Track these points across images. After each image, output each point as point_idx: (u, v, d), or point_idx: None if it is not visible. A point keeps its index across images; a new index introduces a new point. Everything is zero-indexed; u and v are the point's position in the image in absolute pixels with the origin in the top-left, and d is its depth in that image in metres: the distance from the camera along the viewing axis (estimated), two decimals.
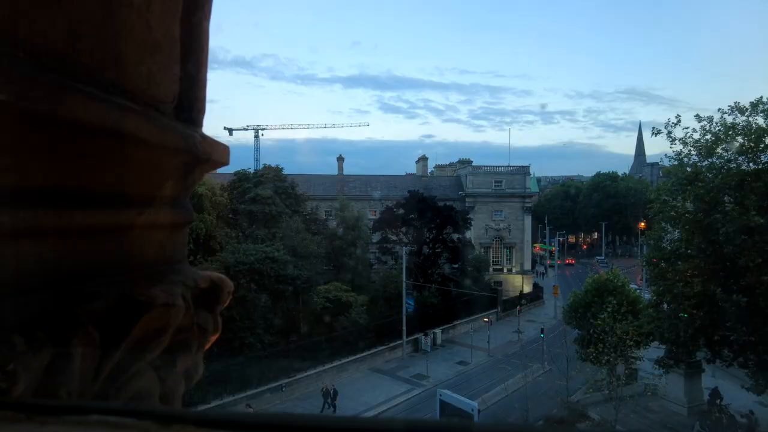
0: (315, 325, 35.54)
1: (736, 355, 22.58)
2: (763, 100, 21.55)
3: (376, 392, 32.25)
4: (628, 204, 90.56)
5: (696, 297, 22.05)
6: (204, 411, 0.70)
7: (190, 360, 1.34)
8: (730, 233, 20.11)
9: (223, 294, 1.46)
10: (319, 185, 60.86)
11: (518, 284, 61.58)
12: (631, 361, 29.46)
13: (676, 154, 23.30)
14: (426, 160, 78.24)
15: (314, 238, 40.51)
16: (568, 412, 26.46)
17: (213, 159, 1.37)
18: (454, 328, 45.43)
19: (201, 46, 1.30)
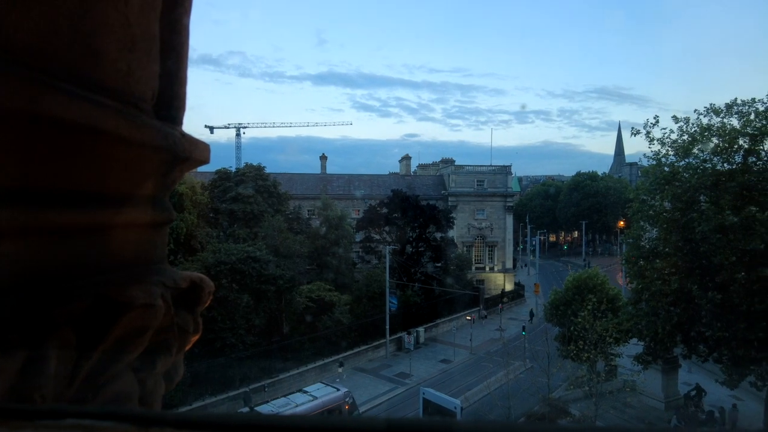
0: (298, 325, 35.36)
1: (711, 351, 23.09)
2: (737, 102, 22.07)
3: (359, 391, 32.21)
4: (607, 203, 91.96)
5: (673, 294, 22.49)
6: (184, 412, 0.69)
7: (170, 361, 1.32)
8: (705, 232, 20.56)
9: (203, 294, 1.44)
10: (301, 184, 60.57)
11: (500, 282, 62.12)
12: (611, 357, 29.98)
13: (655, 154, 23.72)
14: (409, 160, 78.43)
15: (297, 238, 40.29)
16: (550, 409, 26.81)
17: (193, 157, 1.35)
18: (437, 327, 45.65)
19: (181, 43, 1.28)
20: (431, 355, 40.03)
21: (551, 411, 26.59)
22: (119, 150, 1.07)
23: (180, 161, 1.32)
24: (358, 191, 61.51)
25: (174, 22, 1.25)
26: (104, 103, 0.99)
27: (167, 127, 1.24)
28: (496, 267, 64.33)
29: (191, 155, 1.34)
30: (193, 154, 1.34)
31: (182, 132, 1.35)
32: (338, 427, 0.63)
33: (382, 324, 38.48)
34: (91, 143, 0.99)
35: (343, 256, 44.06)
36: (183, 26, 1.27)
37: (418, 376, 34.64)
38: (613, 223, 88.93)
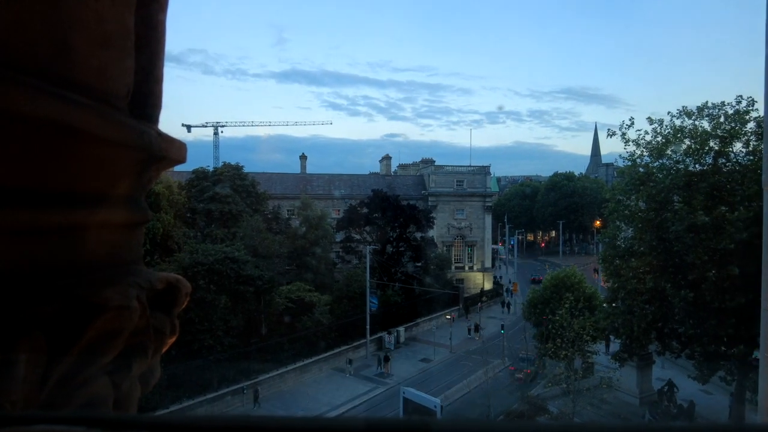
0: (277, 326, 35.07)
1: (683, 347, 23.69)
2: (708, 104, 22.69)
3: (339, 392, 32.16)
4: (584, 203, 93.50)
5: (648, 293, 23.00)
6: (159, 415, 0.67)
7: (146, 364, 1.30)
8: (678, 231, 21.09)
9: (180, 295, 1.42)
10: (280, 184, 60.14)
11: (479, 281, 62.68)
12: (588, 355, 30.51)
13: (630, 155, 24.23)
14: (389, 160, 78.58)
15: (276, 238, 40.00)
16: (528, 407, 27.13)
17: (169, 156, 1.33)
18: (417, 326, 45.81)
19: (157, 39, 1.25)
20: (411, 354, 40.15)
21: (530, 408, 26.92)
22: (92, 148, 1.04)
23: (156, 160, 1.30)
24: (339, 191, 61.36)
25: (149, 18, 1.23)
26: (76, 100, 0.96)
27: (143, 125, 1.22)
28: (475, 266, 64.88)
29: (167, 154, 1.31)
30: (170, 153, 1.32)
31: (158, 130, 1.33)
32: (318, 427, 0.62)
33: (363, 324, 38.44)
34: (63, 141, 0.97)
35: (323, 256, 43.89)
36: (158, 22, 1.25)
37: (399, 376, 34.71)
38: (590, 222, 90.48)
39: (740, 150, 22.36)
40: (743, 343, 20.17)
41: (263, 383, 31.19)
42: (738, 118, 21.88)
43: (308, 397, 31.24)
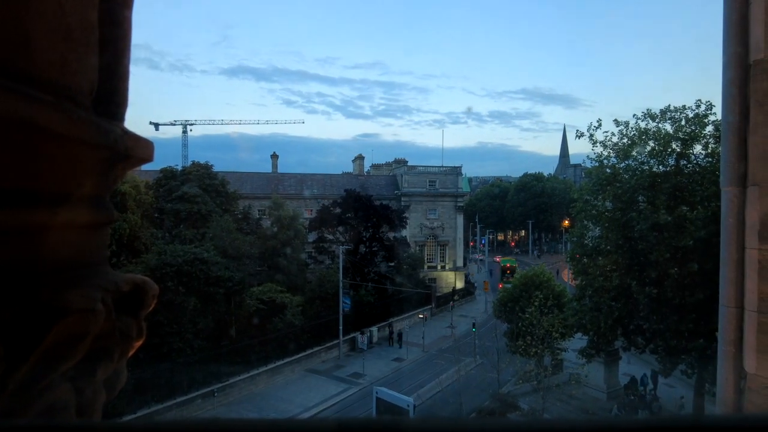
0: (248, 328, 34.61)
1: (648, 343, 24.41)
2: (670, 108, 23.46)
3: (312, 393, 31.96)
4: (553, 203, 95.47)
5: (614, 290, 23.62)
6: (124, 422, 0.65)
7: (111, 368, 1.26)
8: (643, 230, 21.72)
9: (147, 297, 1.39)
10: (251, 183, 59.32)
11: (451, 281, 63.26)
12: (557, 352, 31.13)
13: (597, 156, 24.83)
14: (362, 160, 78.49)
15: (247, 238, 39.43)
16: (500, 404, 27.50)
17: (135, 155, 1.29)
18: (390, 326, 45.90)
19: (122, 35, 1.22)
20: (384, 354, 40.22)
21: (501, 406, 27.30)
22: (53, 146, 1.00)
23: (121, 159, 1.26)
24: (311, 191, 60.95)
25: (114, 14, 1.20)
26: (35, 95, 0.92)
27: (107, 123, 1.18)
28: (447, 266, 65.43)
29: (133, 153, 1.28)
30: (136, 151, 1.29)
31: (124, 128, 1.29)
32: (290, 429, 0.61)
33: (336, 324, 38.30)
34: (22, 139, 0.93)
35: (295, 256, 43.53)
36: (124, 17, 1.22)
37: (372, 376, 34.71)
38: (558, 222, 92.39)
39: (700, 152, 23.21)
40: (703, 337, 20.91)
41: (234, 386, 30.75)
42: (698, 121, 22.70)
43: (281, 399, 30.95)
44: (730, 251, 2.60)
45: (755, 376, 2.46)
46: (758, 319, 2.43)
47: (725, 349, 2.63)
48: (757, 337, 2.43)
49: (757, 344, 2.43)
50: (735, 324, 2.58)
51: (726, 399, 2.62)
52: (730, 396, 2.60)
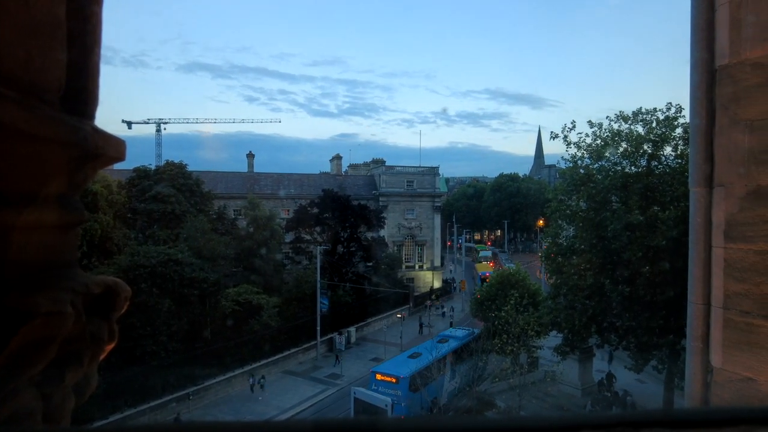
0: (224, 330, 34.15)
1: (620, 340, 24.92)
2: (642, 110, 24.01)
3: (289, 395, 31.72)
4: (528, 203, 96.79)
5: (588, 288, 24.06)
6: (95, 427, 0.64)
7: (81, 372, 1.23)
8: (616, 230, 22.18)
9: (119, 300, 1.35)
10: (227, 183, 58.53)
11: (429, 280, 63.56)
12: (533, 350, 31.54)
13: (571, 157, 25.25)
14: (340, 159, 78.19)
15: (222, 239, 38.89)
16: (476, 402, 27.73)
17: (106, 154, 1.26)
18: (368, 326, 45.86)
19: (91, 30, 1.19)
20: (362, 354, 40.16)
21: (478, 403, 27.54)
22: (19, 145, 0.97)
23: (91, 158, 1.23)
24: (288, 190, 60.48)
25: (82, 8, 1.16)
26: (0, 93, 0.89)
27: (76, 120, 1.15)
28: (425, 265, 65.73)
29: (104, 152, 1.25)
30: (107, 150, 1.25)
31: (94, 126, 1.26)
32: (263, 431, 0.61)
33: (313, 325, 38.08)
34: None
35: (272, 257, 43.13)
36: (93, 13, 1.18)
37: (350, 376, 34.62)
38: (534, 221, 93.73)
39: (670, 154, 23.81)
40: (672, 333, 21.47)
41: (210, 388, 30.31)
42: (668, 123, 23.29)
43: (258, 401, 30.63)
44: (698, 250, 2.68)
45: (721, 370, 2.53)
46: (724, 315, 2.50)
47: (693, 344, 2.70)
48: (723, 333, 2.51)
49: (723, 339, 2.51)
50: (702, 320, 2.66)
51: (693, 393, 2.69)
52: (697, 390, 2.67)
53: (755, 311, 2.34)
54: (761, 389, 2.33)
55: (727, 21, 2.49)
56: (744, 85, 2.41)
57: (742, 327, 2.41)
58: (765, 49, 2.31)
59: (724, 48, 2.51)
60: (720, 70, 2.55)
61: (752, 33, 2.38)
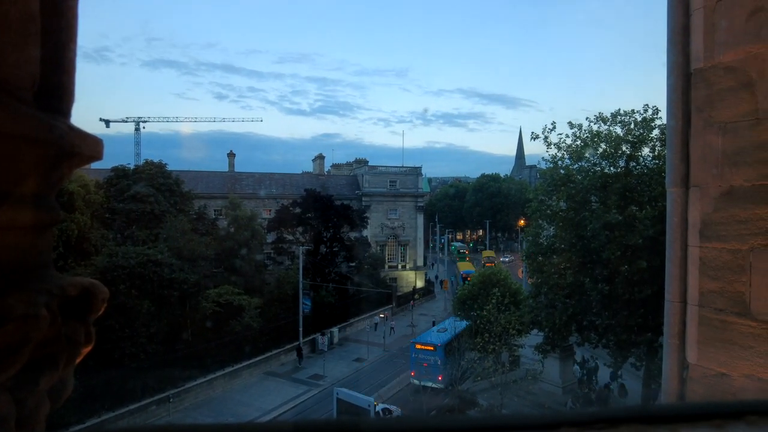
0: (205, 332, 33.74)
1: (600, 338, 25.31)
2: (620, 112, 24.43)
3: (271, 396, 31.51)
4: (509, 203, 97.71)
5: (568, 287, 24.38)
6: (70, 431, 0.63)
7: (56, 376, 1.20)
8: (595, 229, 22.51)
9: (96, 301, 1.33)
10: (207, 182, 57.83)
11: (412, 280, 63.75)
12: (514, 348, 31.82)
13: (552, 157, 25.56)
14: (323, 159, 77.87)
15: (202, 239, 38.42)
16: (459, 401, 27.90)
17: (83, 153, 1.24)
18: (351, 326, 45.81)
19: (66, 25, 1.16)
20: (345, 354, 40.09)
21: (460, 402, 27.69)
22: None
23: (67, 156, 1.20)
24: (270, 190, 60.05)
25: (57, 2, 1.14)
26: None
27: (51, 118, 1.12)
28: (408, 265, 65.88)
29: (81, 150, 1.22)
30: (83, 149, 1.23)
31: (70, 124, 1.23)
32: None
33: (295, 326, 37.87)
34: None
35: (253, 257, 42.74)
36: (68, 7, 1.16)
37: (332, 377, 34.53)
38: (515, 221, 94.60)
39: (648, 154, 24.27)
40: (650, 331, 21.87)
41: (190, 391, 29.93)
42: (645, 125, 23.73)
43: (239, 403, 30.34)
44: (675, 249, 2.73)
45: (696, 366, 2.59)
46: (699, 312, 2.56)
47: (670, 341, 2.76)
48: (698, 330, 2.57)
49: (698, 336, 2.56)
50: (679, 317, 2.71)
51: (670, 389, 2.75)
52: (674, 386, 2.73)
53: (728, 308, 2.40)
54: (734, 384, 2.38)
55: (702, 26, 2.55)
56: (717, 88, 2.47)
57: (716, 324, 2.47)
58: (737, 53, 2.37)
59: (699, 52, 2.57)
60: (695, 73, 2.61)
61: (725, 38, 2.44)
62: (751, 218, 2.30)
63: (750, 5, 2.31)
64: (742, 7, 2.35)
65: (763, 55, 2.26)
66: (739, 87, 2.37)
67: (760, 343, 2.26)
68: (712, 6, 2.50)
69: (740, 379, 2.37)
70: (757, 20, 2.28)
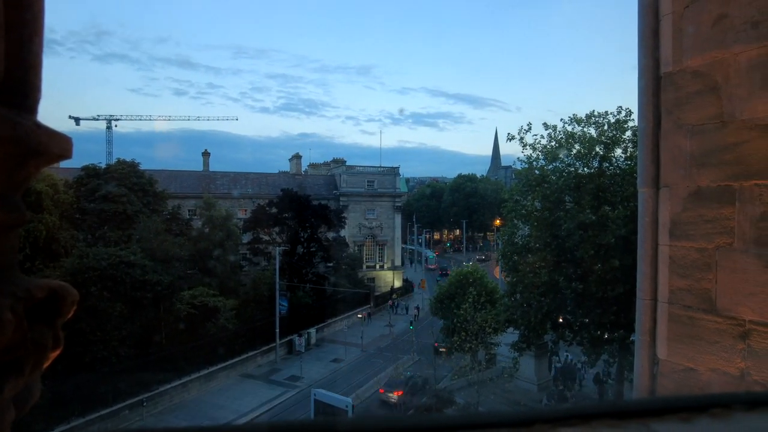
0: (179, 334, 33.15)
1: (574, 335, 25.78)
2: (594, 113, 24.92)
3: (248, 398, 31.18)
4: (485, 203, 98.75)
5: (543, 286, 24.73)
6: None
7: (21, 383, 1.16)
8: (569, 229, 22.91)
9: (65, 304, 1.29)
10: (181, 182, 56.80)
11: (389, 280, 63.82)
12: (491, 346, 32.16)
13: (527, 158, 25.91)
14: (300, 159, 77.32)
15: (176, 240, 37.77)
16: (436, 400, 28.04)
17: (51, 151, 1.20)
18: (329, 327, 45.63)
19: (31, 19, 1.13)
20: (323, 355, 39.91)
21: (438, 401, 27.84)
22: None
23: (34, 155, 1.16)
24: (245, 190, 59.37)
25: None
26: None
27: (15, 115, 1.09)
28: (386, 265, 65.95)
29: (48, 149, 1.18)
30: (51, 147, 1.19)
31: (37, 122, 1.19)
32: None
33: (272, 327, 37.54)
34: None
35: (229, 258, 42.19)
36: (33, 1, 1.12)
37: (310, 378, 34.35)
38: (491, 221, 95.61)
39: (620, 155, 24.81)
40: (623, 328, 22.36)
41: (165, 394, 29.39)
42: (618, 126, 24.26)
43: (215, 406, 29.94)
44: (646, 248, 2.80)
45: (666, 362, 2.66)
46: (669, 309, 2.63)
47: (641, 338, 2.82)
48: (668, 326, 2.63)
49: (668, 332, 2.63)
50: (650, 315, 2.78)
51: (642, 384, 2.81)
52: (645, 381, 2.80)
53: (696, 305, 2.47)
54: (701, 378, 2.46)
55: (670, 31, 2.62)
56: (685, 91, 2.54)
57: (685, 320, 2.54)
58: (704, 58, 2.44)
59: (668, 56, 2.64)
60: (664, 77, 2.67)
61: (692, 43, 2.51)
62: (717, 218, 2.37)
63: (715, 12, 2.39)
64: (708, 13, 2.42)
65: (727, 61, 2.33)
66: (705, 91, 2.44)
67: (725, 338, 2.34)
68: (679, 12, 2.57)
69: (707, 373, 2.44)
70: (722, 27, 2.36)
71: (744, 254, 2.26)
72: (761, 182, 2.20)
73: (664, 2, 2.66)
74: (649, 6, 2.75)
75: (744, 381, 2.26)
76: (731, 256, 2.32)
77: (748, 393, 0.83)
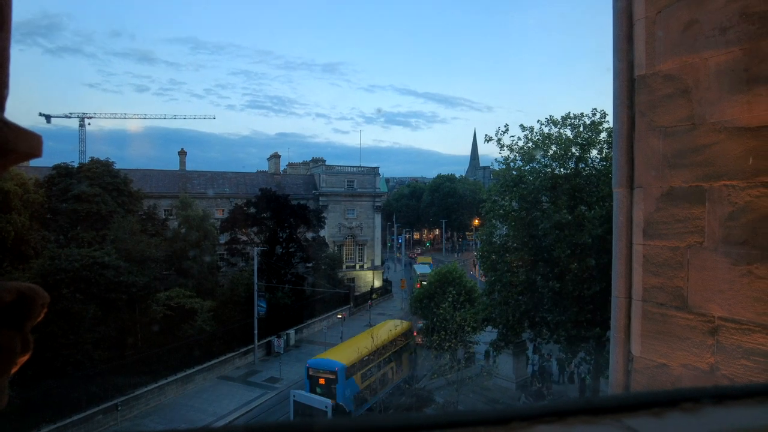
0: (155, 336, 32.57)
1: (552, 333, 26.13)
2: (570, 115, 25.32)
3: (226, 401, 30.80)
4: (464, 203, 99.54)
5: (521, 285, 25.05)
6: None
7: None
8: (546, 228, 23.23)
9: (35, 307, 1.26)
10: (157, 181, 55.81)
11: (369, 280, 63.80)
12: (470, 345, 32.41)
13: (505, 158, 26.19)
14: (278, 158, 76.67)
15: (152, 240, 37.11)
16: (416, 399, 28.13)
17: (19, 149, 1.17)
18: (309, 327, 45.38)
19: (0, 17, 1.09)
20: (302, 356, 39.58)
21: (417, 401, 27.93)
22: None
23: (1, 153, 1.13)
24: (222, 189, 58.65)
25: None
26: None
27: None
28: (365, 265, 65.90)
29: (16, 147, 1.15)
30: (19, 145, 1.16)
31: (4, 119, 1.16)
32: None
33: (250, 329, 37.16)
34: None
35: (205, 259, 41.63)
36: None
37: (289, 379, 34.09)
38: (469, 221, 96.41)
39: (596, 156, 25.25)
40: (599, 326, 22.76)
41: (140, 398, 28.82)
42: (594, 128, 24.70)
43: (192, 409, 29.50)
44: (621, 247, 2.86)
45: (640, 358, 2.72)
46: (643, 307, 2.69)
47: (616, 335, 2.88)
48: (642, 323, 2.69)
49: (642, 330, 2.69)
50: (624, 312, 2.84)
51: (617, 381, 2.87)
52: (620, 378, 2.85)
53: (669, 303, 2.53)
54: (673, 373, 2.52)
55: (643, 35, 2.68)
56: (658, 94, 2.60)
57: (658, 318, 2.60)
58: (675, 62, 2.50)
59: (641, 60, 2.70)
60: (638, 79, 2.73)
61: (664, 47, 2.57)
62: (688, 217, 2.43)
63: (686, 17, 2.45)
64: (679, 18, 2.48)
65: (697, 65, 2.40)
66: (677, 94, 2.50)
67: (696, 334, 2.40)
68: (652, 17, 2.63)
69: (678, 369, 2.50)
70: (692, 32, 2.42)
71: (713, 253, 2.33)
72: (729, 183, 2.26)
73: (637, 7, 2.72)
74: (624, 11, 2.81)
75: (713, 375, 2.32)
76: (701, 254, 2.38)
77: (716, 387, 0.85)
